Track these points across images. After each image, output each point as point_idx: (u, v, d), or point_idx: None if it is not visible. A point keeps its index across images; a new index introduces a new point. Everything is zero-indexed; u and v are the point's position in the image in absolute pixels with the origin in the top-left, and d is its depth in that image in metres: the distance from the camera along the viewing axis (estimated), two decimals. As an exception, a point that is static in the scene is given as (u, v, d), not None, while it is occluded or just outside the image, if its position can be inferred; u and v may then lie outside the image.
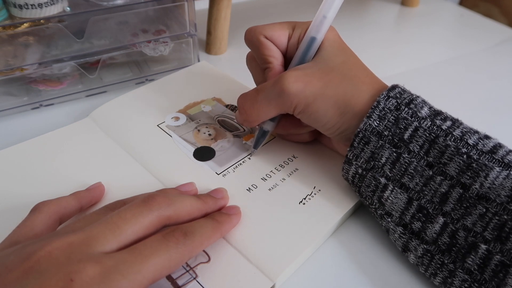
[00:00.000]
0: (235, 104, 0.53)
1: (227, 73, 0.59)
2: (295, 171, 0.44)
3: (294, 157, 0.46)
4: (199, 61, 0.63)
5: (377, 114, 0.37)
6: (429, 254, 0.35)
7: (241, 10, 0.82)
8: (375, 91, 0.39)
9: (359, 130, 0.37)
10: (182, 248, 0.31)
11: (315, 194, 0.42)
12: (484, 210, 0.32)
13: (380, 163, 0.37)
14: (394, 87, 0.38)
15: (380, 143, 0.37)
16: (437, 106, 0.38)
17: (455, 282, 0.34)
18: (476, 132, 0.35)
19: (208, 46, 0.69)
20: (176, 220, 0.33)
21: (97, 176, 0.42)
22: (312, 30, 0.40)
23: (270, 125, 0.44)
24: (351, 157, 0.38)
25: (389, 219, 0.37)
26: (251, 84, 0.57)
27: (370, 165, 0.37)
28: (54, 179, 0.42)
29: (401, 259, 0.39)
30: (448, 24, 0.86)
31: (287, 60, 0.43)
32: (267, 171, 0.44)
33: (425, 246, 0.35)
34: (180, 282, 0.34)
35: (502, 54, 0.75)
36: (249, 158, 0.46)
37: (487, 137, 0.35)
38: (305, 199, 0.41)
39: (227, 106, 0.53)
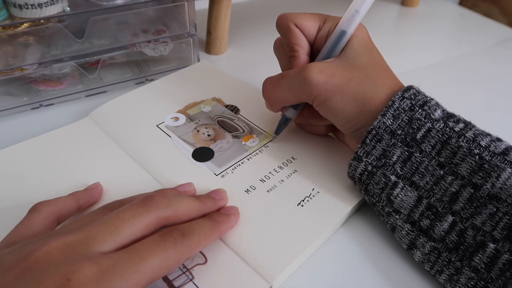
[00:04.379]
0: (235, 104, 0.53)
1: (227, 73, 0.59)
2: (294, 172, 0.44)
3: (293, 158, 0.46)
4: (199, 61, 0.63)
5: (391, 113, 0.37)
6: (436, 252, 0.36)
7: (241, 10, 0.82)
8: (393, 91, 0.39)
9: (372, 127, 0.38)
10: (180, 248, 0.31)
11: (313, 196, 0.42)
12: (495, 209, 0.33)
13: (391, 161, 0.37)
14: (409, 88, 0.39)
15: (392, 141, 0.37)
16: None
17: (461, 279, 0.34)
18: (488, 134, 0.36)
19: (208, 46, 0.69)
20: (175, 220, 0.33)
21: (95, 176, 0.43)
22: (343, 23, 0.40)
23: (292, 112, 0.45)
24: (361, 154, 0.39)
25: (397, 216, 0.38)
26: (251, 84, 0.57)
27: (380, 162, 0.38)
28: (53, 179, 0.42)
29: (403, 259, 0.39)
30: (448, 24, 0.86)
31: (314, 51, 0.43)
32: (266, 172, 0.44)
33: (432, 243, 0.36)
34: (176, 283, 0.34)
35: (502, 54, 0.75)
36: (271, 142, 0.48)
37: (499, 139, 0.36)
38: (303, 201, 0.41)
39: (226, 106, 0.53)
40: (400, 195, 0.37)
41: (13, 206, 0.39)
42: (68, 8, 0.53)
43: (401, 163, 0.37)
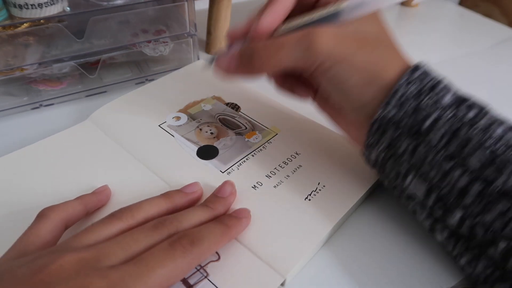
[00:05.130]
0: (235, 102, 0.53)
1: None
2: (298, 167, 0.44)
3: (297, 153, 0.46)
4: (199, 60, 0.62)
5: (394, 103, 0.34)
6: (454, 238, 0.34)
7: (241, 10, 0.81)
8: (405, 66, 0.36)
9: (374, 119, 0.35)
10: (190, 256, 0.30)
11: (320, 190, 0.42)
12: (506, 208, 0.31)
13: (399, 151, 0.35)
14: (416, 68, 0.35)
15: (397, 133, 0.35)
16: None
17: (478, 266, 0.33)
18: (502, 122, 0.33)
19: (208, 46, 0.69)
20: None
21: (101, 178, 0.42)
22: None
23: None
24: (371, 143, 0.37)
25: (414, 202, 0.36)
26: (250, 84, 0.57)
27: (390, 153, 0.36)
28: (59, 183, 0.42)
29: (410, 250, 0.39)
30: (448, 24, 0.86)
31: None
32: (271, 168, 0.44)
33: (449, 230, 0.35)
34: (191, 281, 0.34)
35: (502, 54, 0.75)
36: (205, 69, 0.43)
37: None
38: (310, 195, 0.41)
39: (227, 104, 0.53)
40: (411, 186, 0.35)
41: (20, 211, 0.39)
42: (68, 8, 0.52)
43: (409, 154, 0.35)
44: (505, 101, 0.62)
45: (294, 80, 0.42)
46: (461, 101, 0.34)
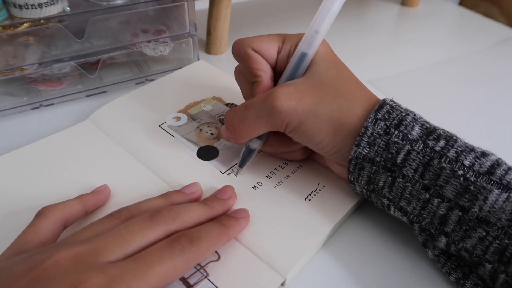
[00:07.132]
0: (236, 102, 0.53)
1: (225, 72, 0.59)
2: (298, 168, 0.44)
3: (297, 154, 0.46)
4: (199, 60, 0.62)
5: (366, 141, 0.35)
6: (445, 255, 0.35)
7: (241, 10, 0.82)
8: (370, 106, 0.37)
9: (351, 157, 0.36)
10: (188, 255, 0.31)
11: (320, 190, 0.42)
12: (484, 233, 0.32)
13: (379, 186, 0.36)
14: (382, 105, 0.36)
15: (374, 169, 0.36)
16: (437, 106, 0.36)
17: (467, 284, 0.34)
18: (472, 150, 0.34)
19: (208, 46, 0.69)
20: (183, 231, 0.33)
21: (100, 178, 0.42)
22: (303, 45, 0.38)
23: (257, 143, 0.42)
24: (352, 179, 0.38)
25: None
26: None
27: (371, 187, 0.37)
28: (58, 183, 0.42)
29: (409, 250, 0.39)
30: (448, 24, 0.86)
31: (277, 74, 0.41)
32: (271, 168, 0.44)
33: (439, 249, 0.35)
34: (191, 281, 0.34)
35: (502, 54, 0.75)
36: (235, 175, 0.44)
37: (484, 154, 0.33)
38: (310, 195, 0.41)
39: (227, 105, 0.53)
40: (395, 216, 0.37)
41: (19, 210, 0.39)
42: (68, 8, 0.53)
43: (388, 188, 0.36)
44: (505, 101, 0.62)
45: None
46: (428, 133, 0.35)
